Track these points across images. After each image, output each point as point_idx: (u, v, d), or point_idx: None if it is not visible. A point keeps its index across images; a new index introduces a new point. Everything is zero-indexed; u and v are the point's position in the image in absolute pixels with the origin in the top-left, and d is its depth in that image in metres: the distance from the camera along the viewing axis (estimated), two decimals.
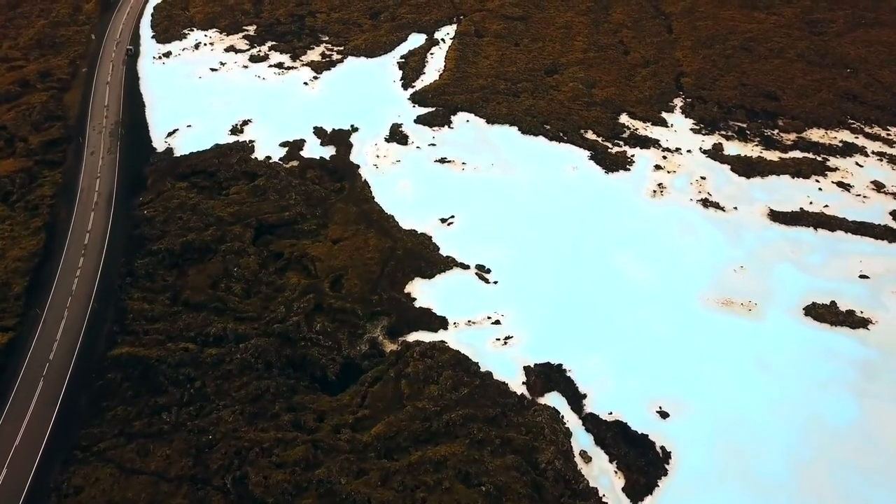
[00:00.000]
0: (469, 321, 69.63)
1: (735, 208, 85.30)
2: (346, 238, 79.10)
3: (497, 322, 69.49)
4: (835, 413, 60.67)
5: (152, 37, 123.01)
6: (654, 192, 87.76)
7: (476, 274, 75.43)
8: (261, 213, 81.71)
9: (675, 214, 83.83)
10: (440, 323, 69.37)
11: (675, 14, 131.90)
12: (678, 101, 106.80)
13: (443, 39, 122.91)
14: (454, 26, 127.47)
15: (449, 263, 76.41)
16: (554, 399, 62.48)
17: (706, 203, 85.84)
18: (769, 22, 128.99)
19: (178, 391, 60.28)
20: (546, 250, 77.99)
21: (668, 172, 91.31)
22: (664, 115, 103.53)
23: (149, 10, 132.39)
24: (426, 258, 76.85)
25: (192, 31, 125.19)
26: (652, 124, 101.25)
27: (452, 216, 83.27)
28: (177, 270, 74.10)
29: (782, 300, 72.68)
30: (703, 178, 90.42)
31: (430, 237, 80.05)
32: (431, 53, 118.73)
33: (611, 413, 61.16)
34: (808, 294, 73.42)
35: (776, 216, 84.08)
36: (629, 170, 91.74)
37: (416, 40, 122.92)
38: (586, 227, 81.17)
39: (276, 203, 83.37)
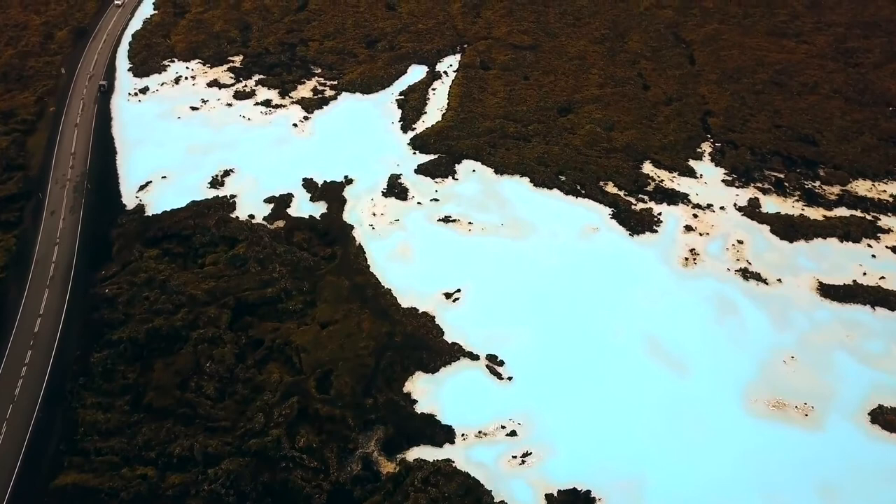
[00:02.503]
0: (480, 432, 59.51)
1: (779, 280, 75.22)
2: (337, 321, 68.92)
3: (513, 433, 59.35)
4: None
5: (129, 69, 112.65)
6: (687, 259, 77.64)
7: (487, 366, 65.33)
8: (240, 290, 71.54)
9: (712, 289, 73.70)
10: (446, 435, 59.28)
11: (697, 42, 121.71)
12: (706, 147, 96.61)
13: (445, 72, 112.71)
14: (458, 56, 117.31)
15: (455, 353, 66.32)
16: None
17: (746, 274, 75.73)
18: (800, 52, 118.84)
19: None
20: (566, 337, 67.91)
21: (701, 235, 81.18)
22: (692, 163, 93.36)
23: (127, 38, 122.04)
24: (429, 347, 66.74)
25: (173, 62, 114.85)
26: (679, 174, 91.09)
27: (458, 290, 73.20)
28: (140, 364, 64.02)
29: (843, 402, 62.62)
30: (739, 241, 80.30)
31: (433, 317, 70.00)
32: (433, 89, 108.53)
33: None
34: (872, 393, 63.39)
35: (827, 290, 73.98)
36: (656, 231, 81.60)
37: (416, 73, 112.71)
38: (613, 308, 71.04)
39: (258, 276, 73.18)
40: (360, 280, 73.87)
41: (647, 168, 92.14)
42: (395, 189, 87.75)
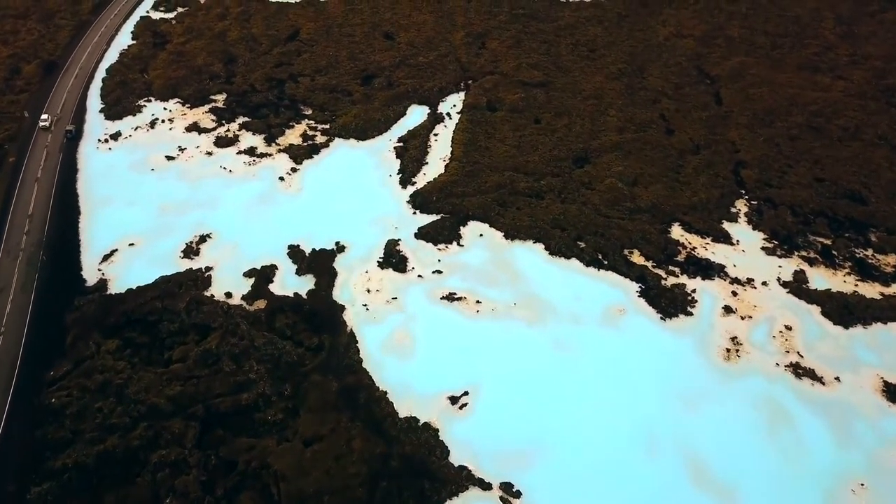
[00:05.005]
0: None
1: (837, 379, 64.99)
2: (323, 437, 58.65)
3: None
4: None
5: (101, 110, 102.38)
6: (728, 351, 67.37)
7: (501, 498, 55.01)
8: (210, 396, 61.28)
9: (760, 391, 63.42)
10: None
11: (723, 78, 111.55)
12: (741, 206, 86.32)
13: (448, 114, 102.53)
14: (462, 95, 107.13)
15: (463, 481, 56.00)
16: None
17: (798, 371, 65.46)
18: (836, 89, 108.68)
19: None
20: (595, 457, 57.65)
21: (743, 318, 70.93)
22: (726, 225, 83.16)
23: (101, 73, 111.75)
24: (431, 473, 56.42)
25: (150, 101, 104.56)
26: (712, 240, 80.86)
27: (466, 392, 62.94)
28: (88, 498, 53.67)
29: None
30: (787, 327, 70.07)
31: (437, 430, 59.69)
32: (435, 135, 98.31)
33: None
34: None
35: (893, 393, 63.75)
36: (691, 314, 71.36)
37: (416, 115, 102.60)
38: (647, 417, 60.73)
39: (232, 378, 62.89)
40: (351, 381, 63.57)
41: (676, 232, 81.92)
42: (393, 258, 77.55)
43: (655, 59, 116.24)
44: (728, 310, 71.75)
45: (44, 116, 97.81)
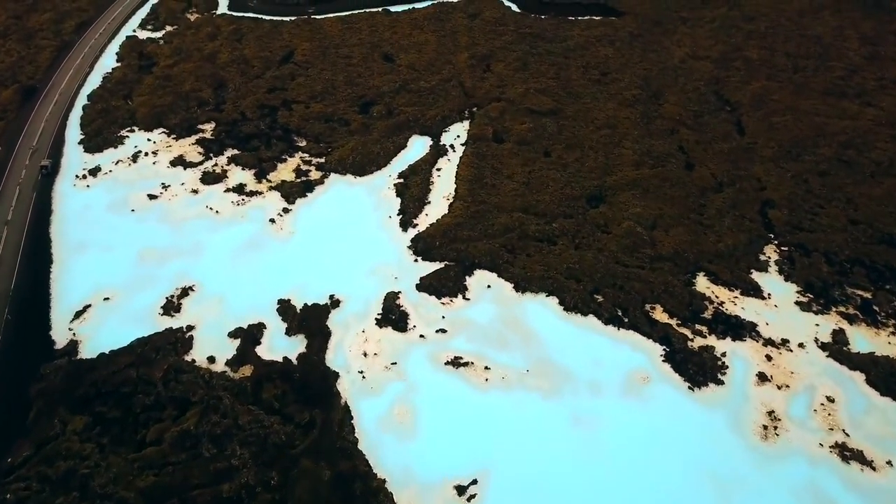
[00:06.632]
0: None
1: (889, 463, 58.26)
2: None
3: None
4: None
5: (80, 142, 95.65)
6: (766, 428, 60.60)
7: None
8: (187, 488, 54.54)
9: (802, 478, 56.66)
10: None
11: (744, 105, 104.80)
12: (771, 252, 79.55)
13: (451, 146, 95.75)
14: (466, 124, 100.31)
15: None
16: None
17: (844, 453, 58.69)
18: (865, 117, 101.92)
19: None
20: None
21: (779, 388, 64.18)
22: (756, 275, 76.40)
23: (82, 100, 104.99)
24: None
25: (133, 132, 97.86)
26: (741, 293, 74.08)
27: (474, 481, 56.22)
28: None
29: None
30: (829, 399, 63.32)
31: None
32: (438, 170, 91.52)
33: None
34: None
35: None
36: (722, 382, 64.60)
37: (417, 147, 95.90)
38: None
39: (212, 464, 56.17)
40: (346, 467, 56.80)
41: (702, 283, 75.14)
42: (392, 314, 70.84)
43: (671, 84, 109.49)
44: (762, 377, 64.99)
45: None
